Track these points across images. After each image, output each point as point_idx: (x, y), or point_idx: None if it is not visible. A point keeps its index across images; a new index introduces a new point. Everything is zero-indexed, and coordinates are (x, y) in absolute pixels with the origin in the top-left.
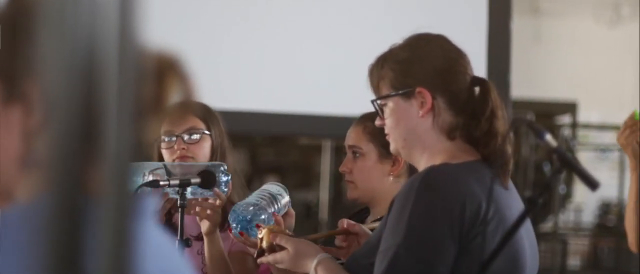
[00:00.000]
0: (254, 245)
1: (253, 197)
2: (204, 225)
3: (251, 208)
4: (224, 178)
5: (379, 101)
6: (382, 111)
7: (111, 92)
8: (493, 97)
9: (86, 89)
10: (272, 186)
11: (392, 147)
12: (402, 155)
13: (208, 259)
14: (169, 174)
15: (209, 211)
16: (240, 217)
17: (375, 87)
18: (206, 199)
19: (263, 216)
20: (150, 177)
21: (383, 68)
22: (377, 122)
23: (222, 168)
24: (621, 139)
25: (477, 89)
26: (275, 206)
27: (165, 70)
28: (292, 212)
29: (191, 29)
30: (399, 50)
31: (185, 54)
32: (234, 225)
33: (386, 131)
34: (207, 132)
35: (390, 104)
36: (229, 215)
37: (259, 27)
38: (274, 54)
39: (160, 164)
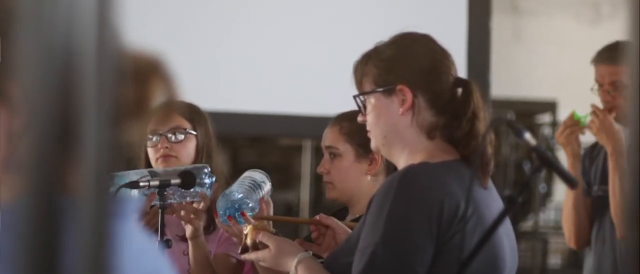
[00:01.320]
0: (240, 233)
1: (239, 185)
2: (188, 229)
3: (240, 196)
4: (208, 180)
5: (361, 97)
6: (365, 107)
7: (90, 94)
8: (475, 98)
9: (65, 90)
10: (255, 174)
11: (372, 145)
12: (382, 152)
13: (192, 262)
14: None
15: (192, 215)
16: (229, 204)
17: (359, 83)
18: (191, 203)
19: (251, 204)
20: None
21: (367, 65)
22: (359, 118)
23: (205, 170)
24: (561, 139)
25: (459, 90)
26: (260, 194)
27: (149, 72)
28: (270, 201)
29: (173, 30)
30: (384, 47)
31: (167, 56)
32: (221, 212)
33: (367, 128)
34: (192, 132)
35: (372, 100)
36: (217, 202)
37: (239, 28)
38: (255, 55)
39: (144, 171)
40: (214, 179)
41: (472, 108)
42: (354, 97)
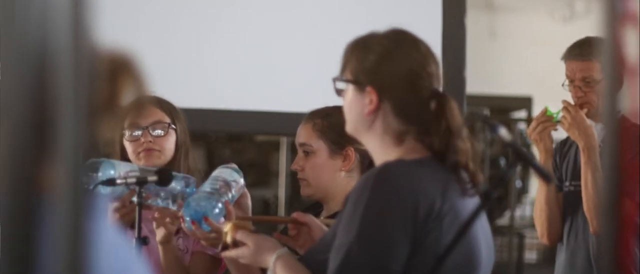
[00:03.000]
0: (206, 238)
1: (207, 187)
2: (160, 233)
3: (203, 203)
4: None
5: (340, 81)
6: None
7: (64, 91)
8: (449, 113)
9: (39, 88)
10: (225, 171)
11: (347, 127)
12: (357, 138)
13: (163, 266)
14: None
15: (168, 219)
16: (193, 211)
17: (343, 67)
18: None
19: (216, 211)
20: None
21: (353, 53)
22: (337, 94)
23: (191, 181)
24: (533, 135)
25: (433, 104)
26: (230, 194)
27: (119, 69)
28: (247, 192)
29: (145, 27)
30: (373, 42)
31: (139, 53)
32: (187, 218)
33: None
34: (172, 126)
35: (348, 89)
36: (183, 208)
37: (215, 25)
38: (230, 52)
39: (135, 166)
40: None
41: (446, 123)
42: (333, 79)
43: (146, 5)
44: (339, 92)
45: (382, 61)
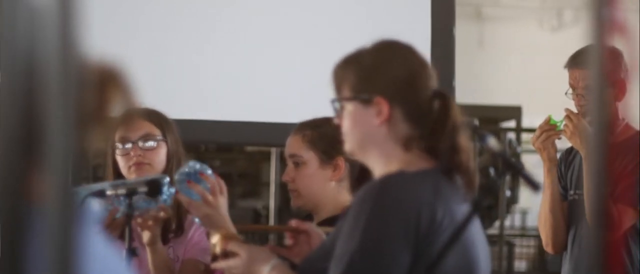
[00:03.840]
0: (202, 192)
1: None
2: (145, 236)
3: (197, 167)
4: (168, 191)
5: (338, 101)
6: (341, 111)
7: (53, 102)
8: (453, 111)
9: (27, 98)
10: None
11: (346, 148)
12: (357, 157)
13: (152, 268)
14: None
15: (150, 222)
16: (186, 173)
17: (338, 87)
18: (148, 211)
19: (209, 171)
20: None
21: (346, 70)
22: (335, 120)
23: (165, 181)
24: (537, 144)
25: (437, 103)
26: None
27: (107, 81)
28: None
29: (134, 37)
30: (365, 54)
31: (129, 64)
32: (181, 182)
33: (343, 131)
34: (162, 138)
35: (349, 106)
36: (175, 179)
37: (204, 35)
38: (220, 62)
39: (106, 184)
40: (173, 190)
41: (452, 121)
42: (332, 101)
43: (136, 16)
44: (338, 113)
45: (382, 69)
